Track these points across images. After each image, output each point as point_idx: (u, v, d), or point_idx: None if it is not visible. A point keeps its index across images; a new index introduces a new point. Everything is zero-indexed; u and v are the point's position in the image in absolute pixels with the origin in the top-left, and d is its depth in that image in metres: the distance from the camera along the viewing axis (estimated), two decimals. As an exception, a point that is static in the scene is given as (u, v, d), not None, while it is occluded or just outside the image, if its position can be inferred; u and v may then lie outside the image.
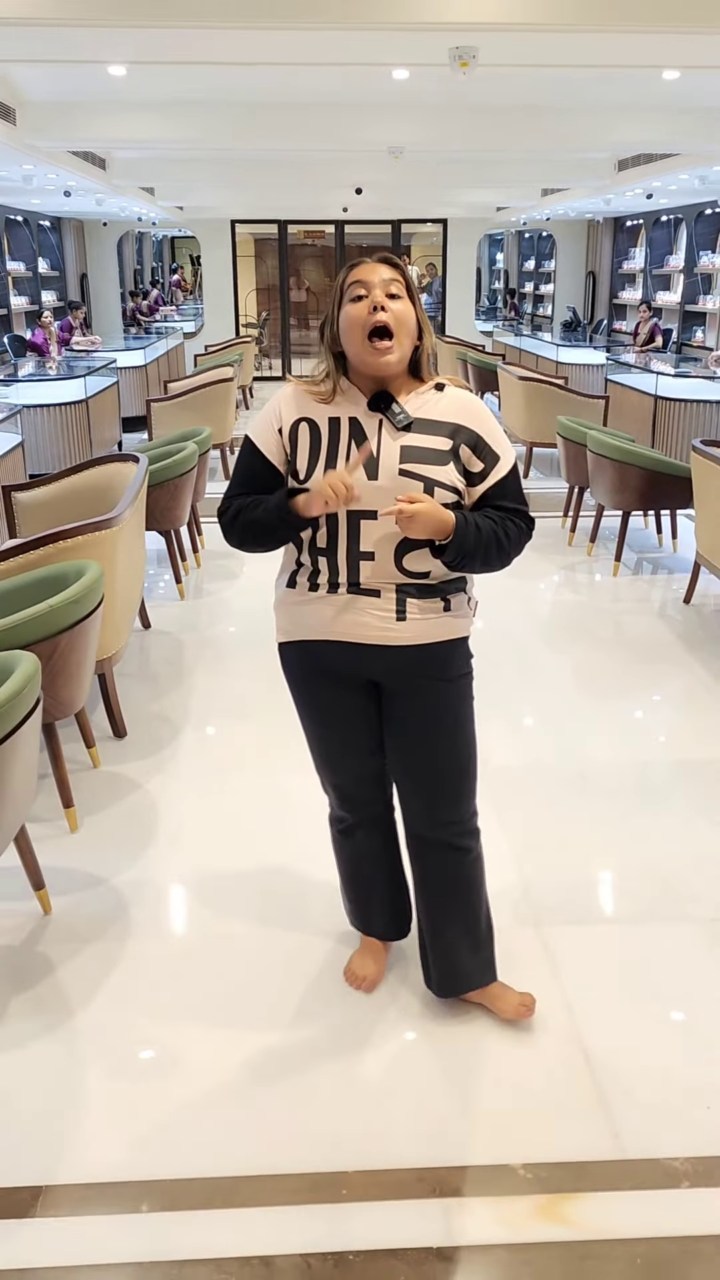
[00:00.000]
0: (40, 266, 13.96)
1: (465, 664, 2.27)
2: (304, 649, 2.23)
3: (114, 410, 9.54)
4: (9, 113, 6.60)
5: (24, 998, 2.53)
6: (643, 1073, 2.28)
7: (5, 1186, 2.01)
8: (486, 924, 2.44)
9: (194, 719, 4.16)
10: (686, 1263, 1.84)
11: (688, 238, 12.47)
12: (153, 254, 22.44)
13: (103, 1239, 1.91)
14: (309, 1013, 2.47)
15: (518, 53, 4.56)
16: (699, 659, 4.74)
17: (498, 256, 22.07)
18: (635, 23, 4.00)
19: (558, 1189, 1.99)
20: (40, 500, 4.92)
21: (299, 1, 3.94)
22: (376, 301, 2.02)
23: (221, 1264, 1.85)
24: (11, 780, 2.43)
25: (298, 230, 16.56)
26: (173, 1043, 2.39)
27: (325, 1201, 1.97)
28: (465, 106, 7.24)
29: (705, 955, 2.69)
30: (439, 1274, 1.83)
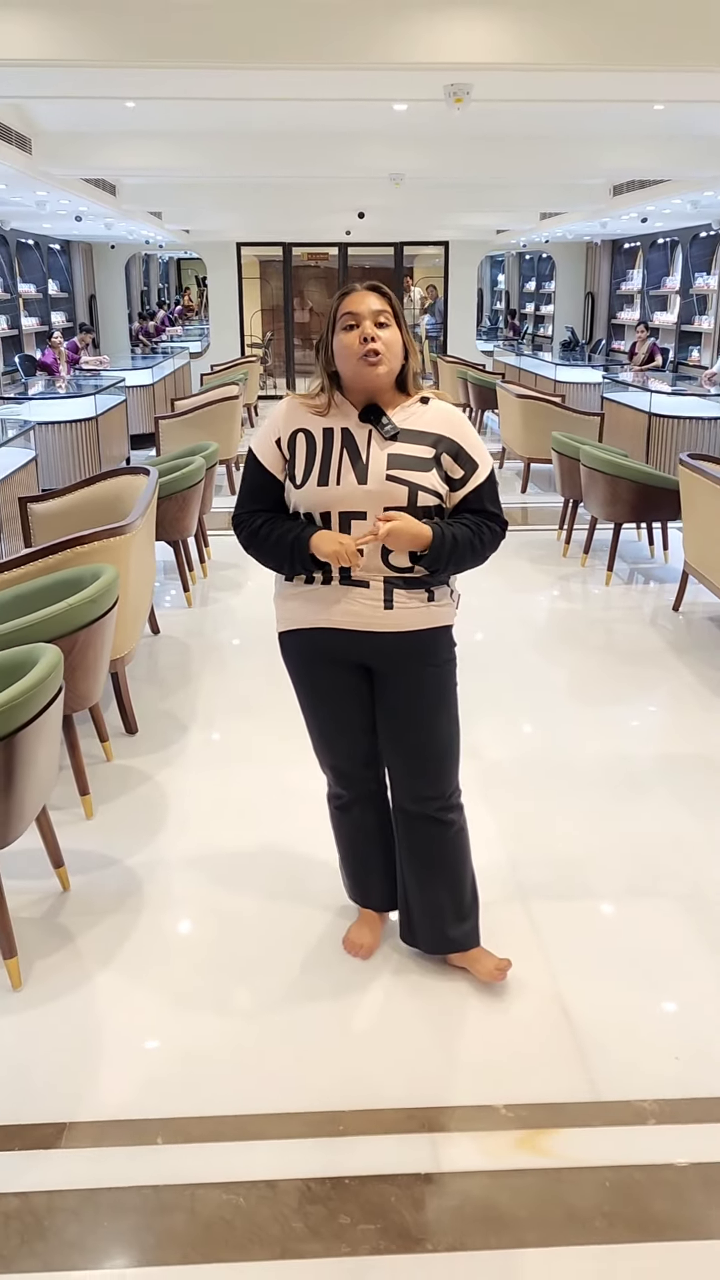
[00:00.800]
0: (50, 288, 14.27)
1: (449, 650, 2.49)
2: (302, 636, 2.44)
3: (122, 428, 9.81)
4: (25, 142, 6.88)
5: (46, 963, 2.74)
6: (618, 1028, 2.48)
7: (32, 1123, 2.21)
8: (471, 893, 2.64)
9: (201, 717, 4.37)
10: (650, 1185, 2.04)
11: (683, 260, 12.75)
12: (159, 275, 22.82)
13: (121, 1166, 2.10)
14: (310, 974, 2.67)
15: (509, 89, 4.82)
16: (685, 663, 4.95)
17: (499, 278, 22.42)
18: (620, 63, 4.26)
19: (536, 1125, 2.19)
20: (54, 511, 5.15)
21: (301, 44, 4.21)
22: (366, 333, 2.25)
23: (230, 1187, 2.04)
24: (36, 761, 2.64)
25: (302, 252, 16.89)
26: (184, 999, 2.59)
27: (324, 1136, 2.17)
28: (462, 135, 7.52)
29: (679, 926, 2.89)
30: (426, 1195, 2.02)
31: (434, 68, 4.31)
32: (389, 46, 4.20)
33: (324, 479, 2.29)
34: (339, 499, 2.27)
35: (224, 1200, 2.01)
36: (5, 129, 6.47)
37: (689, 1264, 1.88)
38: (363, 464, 2.28)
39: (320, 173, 8.31)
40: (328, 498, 2.27)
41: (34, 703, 2.56)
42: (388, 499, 2.27)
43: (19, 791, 2.56)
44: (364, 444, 2.30)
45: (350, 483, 2.26)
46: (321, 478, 2.29)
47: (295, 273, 16.72)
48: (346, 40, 4.21)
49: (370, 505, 2.27)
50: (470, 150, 7.87)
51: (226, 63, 4.28)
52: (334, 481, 2.27)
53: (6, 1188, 2.05)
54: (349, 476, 2.26)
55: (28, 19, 4.15)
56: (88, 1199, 2.02)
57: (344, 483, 2.26)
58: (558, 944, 2.80)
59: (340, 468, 2.28)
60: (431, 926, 2.63)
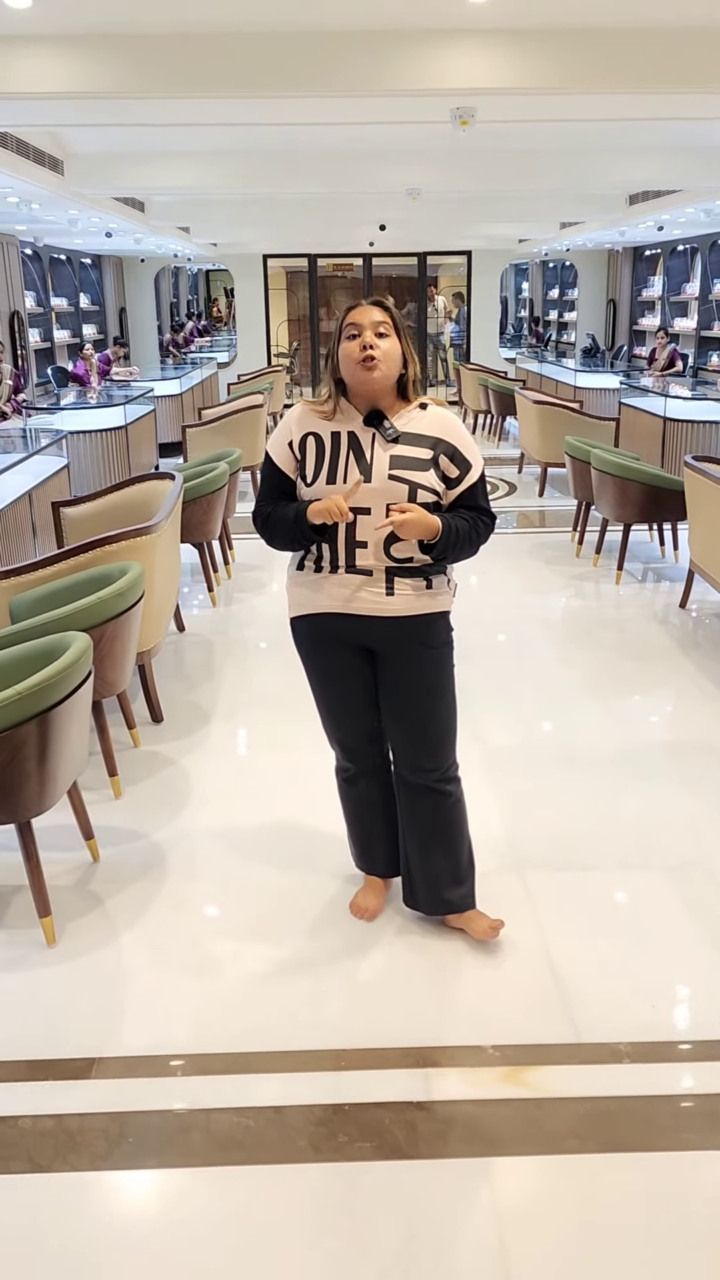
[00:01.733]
0: (81, 302, 14.67)
1: (446, 634, 2.72)
2: (311, 621, 2.69)
3: (151, 436, 10.12)
4: (58, 164, 7.21)
5: (78, 923, 2.99)
6: (600, 980, 2.69)
7: (65, 1058, 2.46)
8: (468, 860, 2.86)
9: (223, 708, 4.62)
10: (621, 1114, 2.25)
11: (703, 266, 12.90)
12: (188, 287, 23.23)
13: (144, 1094, 2.34)
14: (319, 933, 2.91)
15: (511, 111, 5.07)
16: (690, 658, 5.14)
17: (523, 285, 22.63)
18: (611, 86, 4.49)
19: (520, 1063, 2.41)
20: (85, 514, 5.43)
21: (318, 74, 4.48)
22: (366, 341, 2.49)
23: (241, 1111, 2.28)
24: (68, 738, 2.89)
25: (327, 263, 17.17)
26: (202, 954, 2.84)
27: (326, 1069, 2.40)
28: (476, 151, 7.76)
29: (664, 895, 3.09)
30: (418, 1120, 2.25)
31: (440, 94, 4.58)
32: (398, 75, 4.47)
33: (332, 478, 2.53)
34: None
35: (236, 1122, 2.25)
36: (39, 153, 6.80)
37: (649, 1171, 2.09)
38: (367, 464, 2.53)
39: (341, 189, 8.58)
40: (335, 494, 2.51)
41: (65, 684, 2.82)
42: (390, 496, 2.51)
43: (52, 764, 2.82)
44: (368, 446, 2.54)
45: (355, 480, 2.50)
46: (330, 477, 2.54)
47: (321, 283, 17.01)
48: (359, 69, 4.48)
49: (374, 502, 2.51)
50: (484, 165, 8.12)
51: (248, 92, 4.56)
52: (341, 480, 2.51)
53: (42, 1110, 2.30)
54: (355, 475, 2.50)
55: (62, 54, 4.45)
56: (114, 1120, 2.27)
57: (350, 481, 2.50)
58: (549, 909, 3.02)
59: (347, 467, 2.52)
60: (431, 889, 2.86)
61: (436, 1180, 2.07)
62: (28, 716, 2.70)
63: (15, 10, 4.04)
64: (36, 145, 6.72)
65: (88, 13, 4.25)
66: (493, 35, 4.48)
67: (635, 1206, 2.01)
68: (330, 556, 2.59)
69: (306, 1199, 2.05)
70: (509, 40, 4.47)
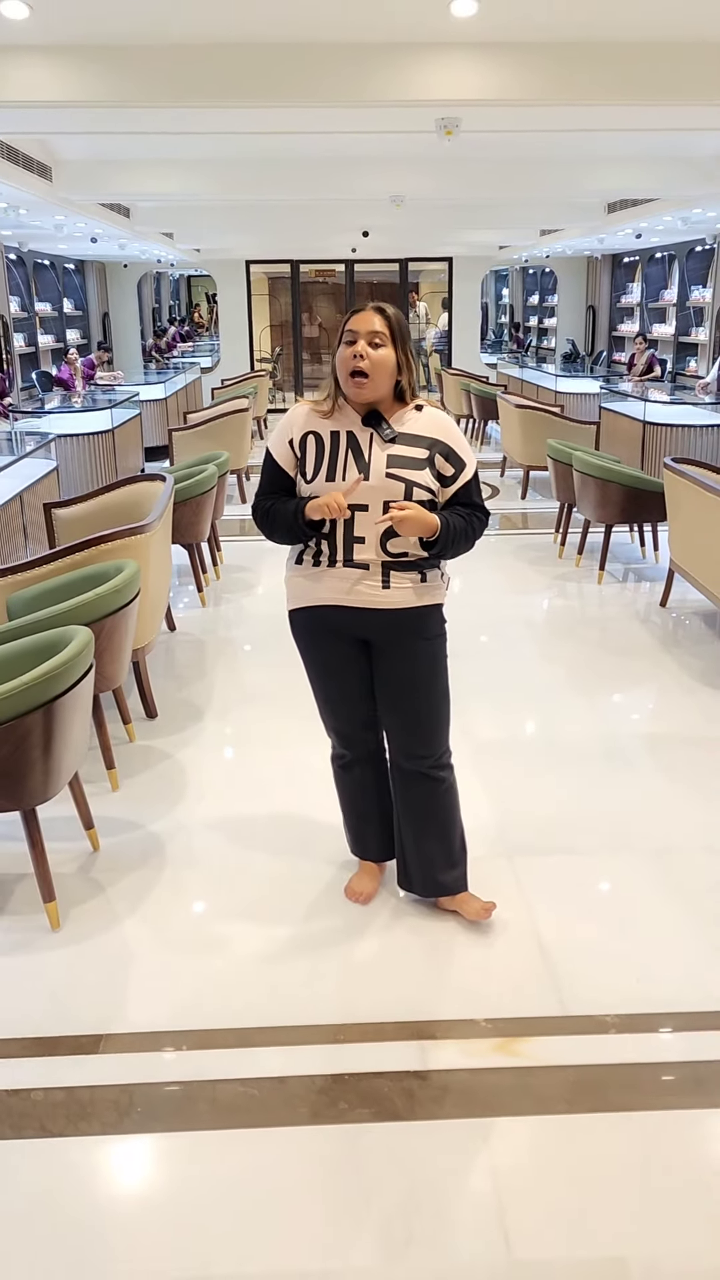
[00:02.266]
0: (65, 307, 14.70)
1: (439, 627, 2.82)
2: (310, 613, 2.78)
3: (137, 440, 10.19)
4: (46, 170, 7.29)
5: (81, 909, 3.07)
6: (587, 957, 2.80)
7: (75, 1034, 2.55)
8: (460, 844, 2.97)
9: (215, 705, 4.71)
10: (607, 1080, 2.36)
11: (680, 273, 13.10)
12: (170, 293, 23.29)
13: (151, 1067, 2.43)
14: (315, 915, 3.01)
15: (494, 121, 5.19)
16: (671, 654, 5.27)
17: (504, 291, 22.81)
18: (595, 97, 4.63)
19: (511, 1034, 2.51)
20: (77, 516, 5.51)
21: (305, 84, 4.59)
22: (359, 350, 2.59)
23: (245, 1082, 2.37)
24: (72, 727, 2.98)
25: (309, 269, 17.30)
26: (203, 937, 2.93)
27: (326, 1043, 2.50)
28: (459, 159, 7.90)
29: (647, 877, 3.21)
30: (415, 1088, 2.35)
31: (425, 104, 4.70)
32: (385, 86, 4.59)
33: (331, 475, 2.63)
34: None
35: (240, 1091, 2.34)
36: (28, 159, 6.88)
37: (635, 1129, 2.20)
38: (365, 463, 2.63)
39: (325, 195, 8.70)
40: (335, 491, 2.61)
41: (69, 675, 2.90)
42: (387, 493, 2.62)
43: (56, 753, 2.91)
44: (366, 445, 2.65)
45: (355, 479, 2.60)
46: (329, 474, 2.64)
47: (303, 289, 17.13)
48: (347, 80, 4.60)
49: (372, 499, 2.62)
50: (467, 172, 8.26)
51: (238, 102, 4.67)
52: (340, 477, 2.61)
53: (54, 1083, 2.39)
54: (353, 473, 2.61)
55: (57, 64, 4.54)
56: (123, 1091, 2.36)
57: (349, 479, 2.60)
58: (538, 891, 3.12)
59: (346, 466, 2.62)
60: (425, 872, 2.96)
61: (435, 1140, 2.17)
62: (33, 706, 2.78)
63: (12, 21, 4.13)
64: (26, 152, 6.80)
65: (82, 24, 4.35)
66: (477, 48, 4.61)
67: (622, 1161, 2.11)
68: (329, 551, 2.69)
69: (310, 1158, 2.15)
70: (493, 53, 4.60)
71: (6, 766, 2.79)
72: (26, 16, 4.11)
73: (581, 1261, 1.89)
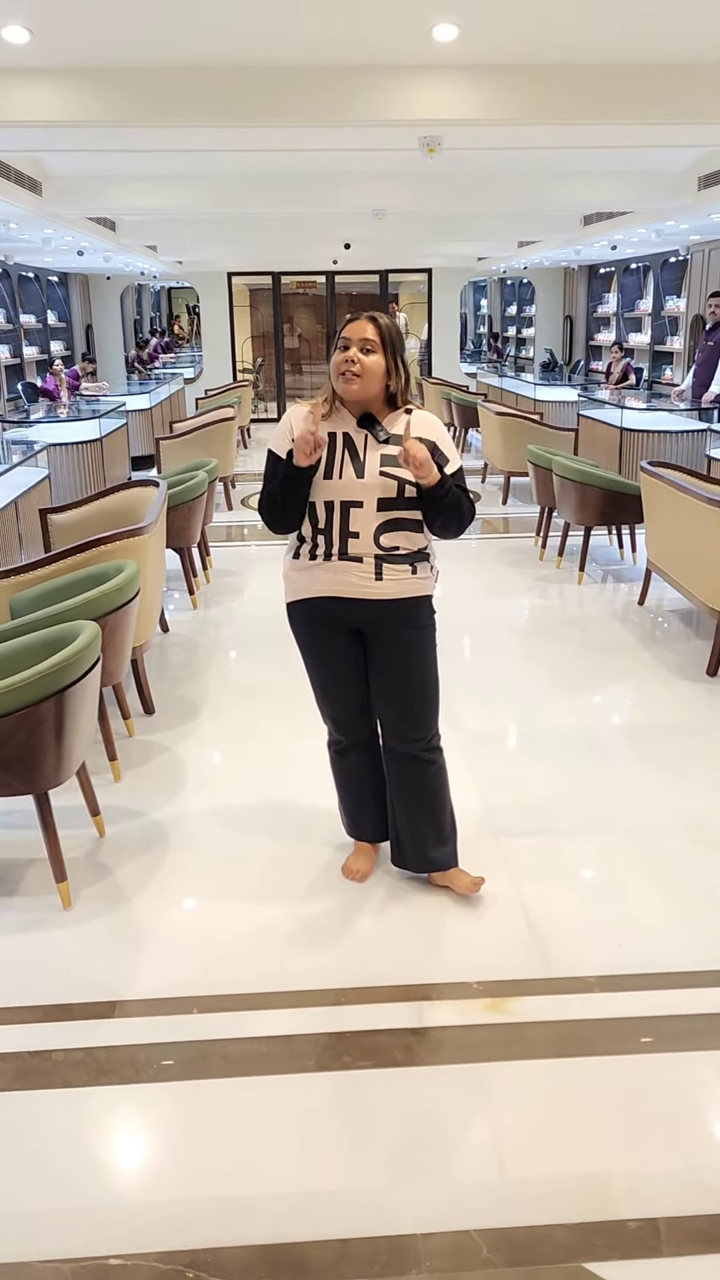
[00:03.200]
0: (49, 319, 14.87)
1: (429, 618, 3.00)
2: (307, 604, 2.96)
3: (124, 449, 10.35)
4: (36, 185, 7.46)
5: (90, 891, 3.23)
6: (570, 926, 2.98)
7: (91, 1001, 2.70)
8: (450, 822, 3.14)
9: (210, 701, 4.87)
10: (589, 1034, 2.54)
11: (655, 284, 13.40)
12: (151, 304, 23.47)
13: (165, 1029, 2.59)
14: (314, 893, 3.17)
15: (476, 139, 5.42)
16: (649, 650, 5.47)
17: (482, 302, 23.13)
18: (572, 117, 4.85)
19: (501, 995, 2.68)
20: (71, 521, 5.66)
21: (291, 105, 4.79)
22: (350, 355, 2.77)
23: (254, 1040, 2.53)
24: (82, 715, 3.14)
25: (291, 281, 17.52)
26: (208, 914, 3.10)
27: (328, 1005, 2.66)
28: (440, 174, 8.12)
29: (627, 854, 3.39)
30: (412, 1043, 2.52)
31: (408, 124, 4.92)
32: (368, 106, 4.80)
33: (328, 473, 2.81)
34: (340, 489, 2.79)
35: (250, 1048, 2.50)
36: (19, 174, 7.05)
37: (617, 1070, 2.38)
38: (360, 462, 2.81)
39: (308, 209, 8.92)
40: (331, 488, 2.80)
41: (80, 665, 3.06)
42: (380, 490, 2.80)
43: (67, 740, 3.06)
44: (361, 446, 2.83)
45: (350, 476, 2.79)
46: (326, 472, 2.82)
47: (284, 300, 17.34)
48: (333, 101, 4.80)
49: (366, 495, 2.80)
50: (447, 186, 8.49)
51: (227, 121, 4.86)
52: (337, 475, 2.79)
53: (73, 1045, 2.54)
54: (349, 471, 2.79)
55: (53, 86, 4.73)
56: (139, 1050, 2.51)
57: (345, 476, 2.78)
58: (524, 868, 3.30)
59: (342, 464, 2.80)
60: (417, 849, 3.13)
61: (433, 1082, 2.35)
62: (47, 695, 2.94)
63: (14, 45, 4.31)
64: (18, 168, 6.97)
65: (80, 48, 4.53)
66: (458, 70, 4.82)
67: (604, 1096, 2.30)
68: (325, 545, 2.86)
69: (318, 1099, 2.32)
70: (473, 75, 4.82)
71: (22, 752, 2.94)
72: (27, 41, 4.29)
73: (569, 1176, 2.07)
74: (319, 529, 2.86)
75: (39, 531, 5.67)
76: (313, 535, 2.88)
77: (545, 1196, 2.04)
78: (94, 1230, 2.01)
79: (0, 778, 2.99)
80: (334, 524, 2.84)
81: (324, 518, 2.84)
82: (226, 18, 4.25)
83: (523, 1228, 1.97)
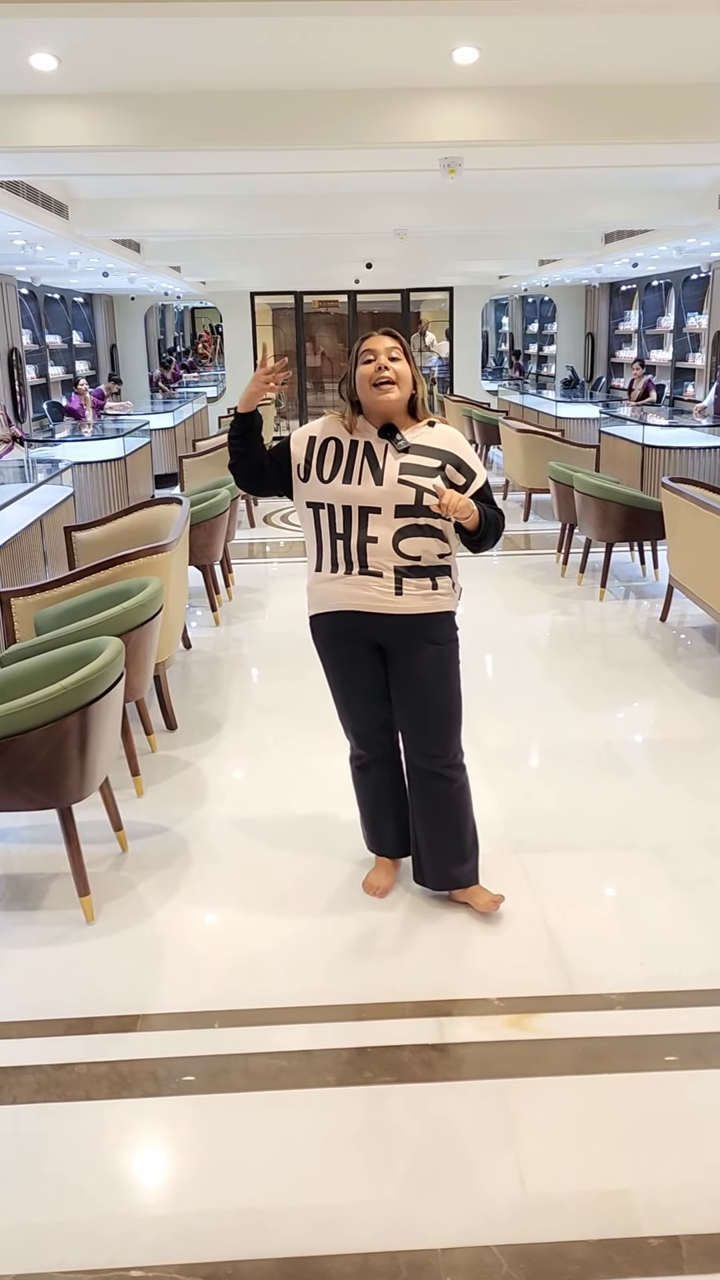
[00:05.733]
0: (74, 339, 15.04)
1: (451, 632, 3.01)
2: (329, 619, 2.98)
3: (148, 467, 10.45)
4: (63, 209, 7.58)
5: (113, 904, 3.25)
6: (593, 944, 2.98)
7: (115, 1015, 2.72)
8: (472, 840, 3.15)
9: (232, 717, 4.90)
10: (613, 1050, 2.53)
11: (676, 301, 13.40)
12: (174, 325, 23.70)
13: (187, 1043, 2.60)
14: (335, 908, 3.18)
15: (496, 160, 5.47)
16: (672, 667, 5.46)
17: (503, 320, 23.20)
18: (593, 136, 4.89)
19: (523, 1011, 2.68)
20: (95, 539, 5.72)
21: (314, 128, 4.86)
22: (381, 364, 2.81)
23: (275, 1055, 2.54)
24: (105, 730, 3.17)
25: (313, 300, 17.65)
26: (229, 928, 3.11)
27: (348, 1020, 2.67)
28: (461, 193, 8.18)
29: (648, 872, 3.38)
30: (434, 1059, 2.52)
31: (429, 145, 4.98)
32: (390, 128, 4.85)
33: (348, 478, 2.85)
34: (360, 495, 2.82)
35: (270, 1063, 2.51)
36: (46, 198, 7.16)
37: (638, 1088, 2.37)
38: (380, 470, 2.84)
39: (330, 229, 9.00)
40: (351, 493, 2.83)
41: (104, 680, 3.10)
42: (398, 498, 2.82)
43: (91, 755, 3.09)
44: (381, 455, 2.86)
45: (369, 483, 2.82)
46: (346, 477, 2.85)
47: (306, 319, 17.47)
48: (353, 124, 4.86)
49: (384, 502, 2.83)
50: (468, 206, 8.56)
51: (251, 145, 4.93)
52: (356, 481, 2.83)
53: (96, 1058, 2.55)
54: (368, 478, 2.82)
55: (80, 111, 4.82)
56: (161, 1064, 2.53)
57: (364, 483, 2.82)
58: (545, 885, 3.30)
59: (362, 471, 2.84)
60: (437, 866, 3.13)
61: (454, 1098, 2.35)
62: (71, 710, 2.98)
63: (42, 72, 4.39)
64: (45, 192, 7.09)
65: (106, 74, 4.61)
66: (478, 92, 4.87)
67: (626, 1113, 2.29)
68: (345, 558, 2.88)
69: (339, 1113, 2.33)
70: (494, 96, 4.86)
71: (47, 766, 2.98)
72: (55, 68, 4.37)
73: (590, 1193, 2.06)
74: (337, 534, 2.89)
75: (64, 549, 5.73)
76: (331, 541, 2.91)
77: (566, 1212, 2.03)
78: (115, 1242, 2.02)
79: (25, 792, 3.03)
80: (352, 529, 2.87)
81: (342, 522, 2.87)
82: (249, 42, 4.32)
83: (543, 1244, 1.96)
